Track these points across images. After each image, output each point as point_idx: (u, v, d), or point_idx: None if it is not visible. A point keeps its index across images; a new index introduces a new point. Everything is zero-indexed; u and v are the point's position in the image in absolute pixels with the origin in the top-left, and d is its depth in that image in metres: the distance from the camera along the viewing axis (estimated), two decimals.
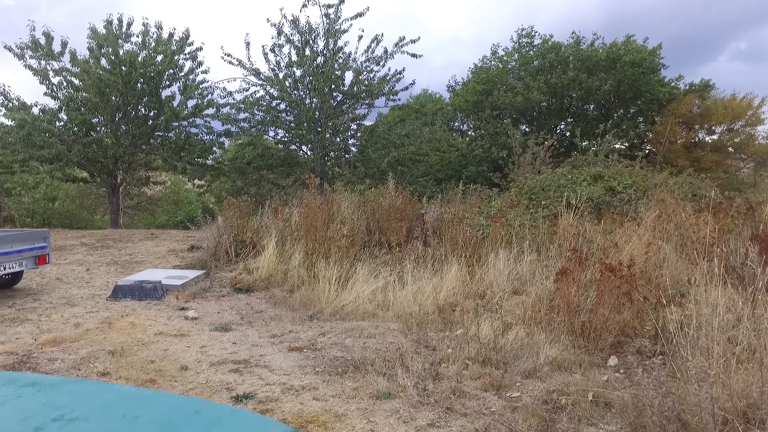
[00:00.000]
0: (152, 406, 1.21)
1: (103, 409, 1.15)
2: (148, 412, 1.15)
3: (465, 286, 6.47)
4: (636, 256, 5.41)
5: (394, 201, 9.10)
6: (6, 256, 7.25)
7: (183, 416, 1.16)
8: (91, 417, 1.11)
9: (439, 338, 5.11)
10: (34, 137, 15.64)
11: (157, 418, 1.13)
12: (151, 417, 1.14)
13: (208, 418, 1.15)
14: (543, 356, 4.42)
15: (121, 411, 1.15)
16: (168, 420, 1.13)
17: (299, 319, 6.19)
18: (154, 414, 1.15)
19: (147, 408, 1.18)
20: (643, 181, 10.30)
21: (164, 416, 1.15)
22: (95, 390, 1.31)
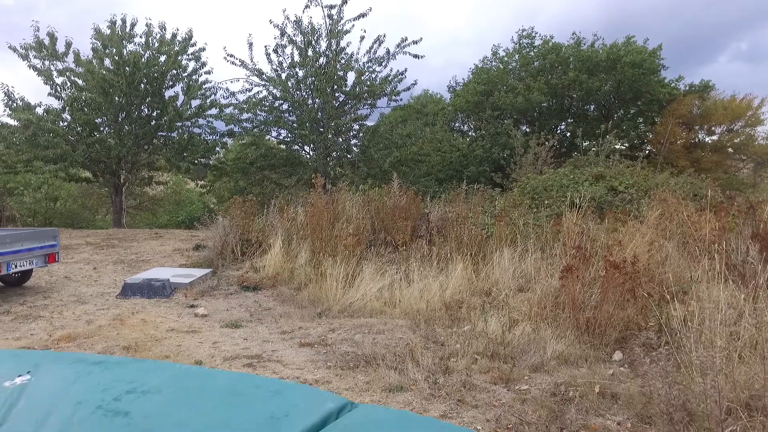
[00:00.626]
0: (214, 380, 1.31)
1: (168, 383, 1.25)
2: (212, 386, 1.25)
3: (471, 284, 6.58)
4: (639, 254, 5.52)
5: (398, 200, 9.20)
6: (17, 254, 7.35)
7: (245, 388, 1.26)
8: (162, 389, 1.21)
9: (447, 334, 5.22)
10: (38, 137, 15.74)
11: (222, 390, 1.23)
12: (216, 389, 1.24)
13: (269, 390, 1.25)
14: (550, 351, 4.53)
15: (186, 385, 1.26)
16: (233, 391, 1.23)
17: (308, 316, 6.30)
18: (218, 387, 1.25)
19: (209, 382, 1.28)
20: (644, 181, 10.42)
21: (227, 389, 1.25)
22: (156, 367, 1.41)
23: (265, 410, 1.11)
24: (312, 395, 1.32)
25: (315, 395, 1.31)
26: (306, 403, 1.18)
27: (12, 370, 1.33)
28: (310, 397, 1.27)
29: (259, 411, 1.11)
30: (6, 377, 1.28)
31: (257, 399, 1.18)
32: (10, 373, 1.30)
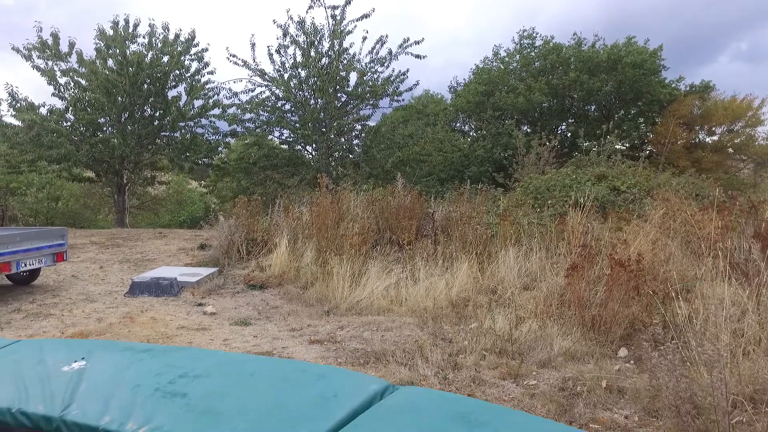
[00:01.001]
0: (259, 366, 1.38)
1: (216, 368, 1.33)
2: (258, 370, 1.33)
3: (476, 282, 6.66)
4: (643, 252, 5.60)
5: (402, 200, 9.28)
6: (26, 253, 7.42)
7: (291, 372, 1.33)
8: (211, 374, 1.28)
9: (455, 331, 5.30)
10: (42, 137, 15.81)
11: (269, 375, 1.31)
12: (263, 374, 1.31)
13: (314, 374, 1.32)
14: (557, 347, 4.61)
15: (233, 370, 1.33)
16: (281, 375, 1.30)
17: (316, 314, 6.38)
18: (264, 372, 1.33)
19: (255, 367, 1.35)
20: (646, 181, 10.50)
21: (274, 373, 1.32)
22: (201, 355, 1.48)
23: (314, 391, 1.19)
24: (355, 378, 1.40)
25: (358, 378, 1.39)
26: (351, 385, 1.25)
27: (67, 357, 1.40)
28: (354, 380, 1.34)
29: (308, 392, 1.19)
30: (63, 363, 1.36)
31: (304, 382, 1.25)
32: (66, 359, 1.38)
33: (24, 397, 1.19)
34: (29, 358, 1.42)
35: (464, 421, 1.05)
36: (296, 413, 1.09)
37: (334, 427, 1.02)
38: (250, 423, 1.05)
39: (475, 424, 1.03)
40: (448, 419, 1.07)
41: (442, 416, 1.09)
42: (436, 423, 1.06)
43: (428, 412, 1.09)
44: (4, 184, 20.32)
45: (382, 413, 1.10)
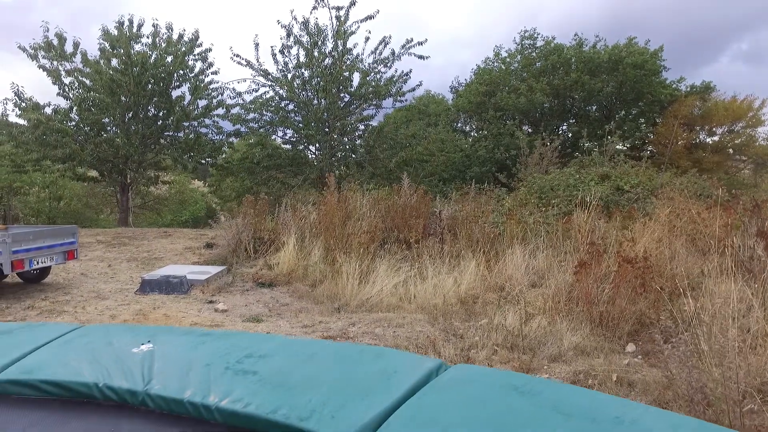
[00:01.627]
0: (318, 348, 1.47)
1: (278, 350, 1.42)
2: (319, 352, 1.42)
3: (484, 280, 6.76)
4: (650, 250, 5.71)
5: (409, 199, 9.38)
6: (39, 251, 7.52)
7: (350, 353, 1.42)
8: (275, 355, 1.38)
9: (465, 327, 5.40)
10: (48, 137, 15.90)
11: (329, 355, 1.40)
12: (323, 354, 1.40)
13: (371, 354, 1.41)
14: (566, 342, 4.71)
15: (294, 351, 1.42)
16: (341, 355, 1.39)
17: (327, 311, 6.47)
18: (324, 353, 1.42)
19: (314, 349, 1.44)
20: (649, 180, 10.60)
21: (333, 354, 1.41)
22: (260, 338, 1.57)
23: (376, 369, 1.28)
24: (411, 357, 1.49)
25: (413, 358, 1.49)
26: (408, 363, 1.34)
27: (133, 340, 1.50)
28: (410, 358, 1.44)
29: (370, 369, 1.28)
30: (131, 345, 1.46)
31: (364, 361, 1.35)
32: (133, 342, 1.47)
33: (106, 373, 1.29)
34: (99, 341, 1.52)
35: (518, 391, 1.14)
36: (362, 387, 1.18)
37: (400, 398, 1.12)
38: (322, 395, 1.14)
39: (528, 394, 1.12)
40: (503, 390, 1.16)
41: (496, 388, 1.18)
42: (492, 393, 1.16)
43: (483, 385, 1.19)
44: (7, 184, 20.40)
45: (441, 386, 1.19)
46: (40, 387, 1.28)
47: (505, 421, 1.03)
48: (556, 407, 1.07)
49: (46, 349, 1.45)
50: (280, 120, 17.47)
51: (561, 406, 1.07)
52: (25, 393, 1.28)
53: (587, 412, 1.06)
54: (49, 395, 1.27)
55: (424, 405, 1.09)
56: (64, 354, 1.42)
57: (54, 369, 1.33)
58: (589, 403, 1.11)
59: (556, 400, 1.10)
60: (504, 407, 1.08)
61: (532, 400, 1.10)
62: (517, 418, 1.04)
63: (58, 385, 1.28)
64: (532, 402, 1.09)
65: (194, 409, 1.14)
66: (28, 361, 1.38)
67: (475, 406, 1.09)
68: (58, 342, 1.50)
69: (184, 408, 1.15)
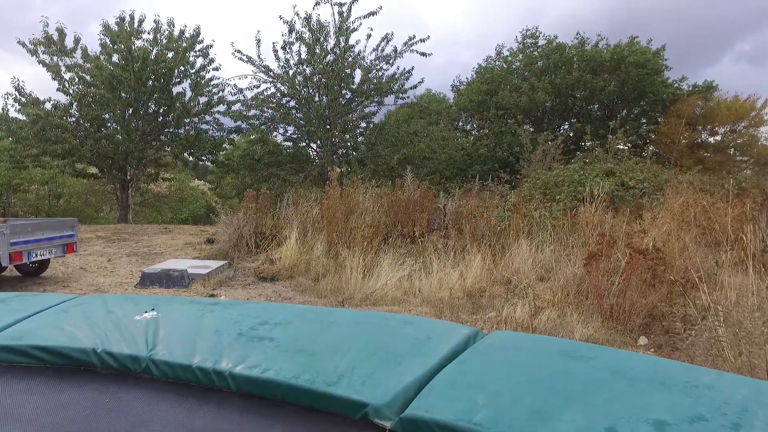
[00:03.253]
0: (342, 316, 1.34)
1: (294, 317, 1.30)
2: (342, 320, 1.30)
3: (490, 273, 6.64)
4: (662, 241, 5.59)
5: (413, 194, 9.27)
6: (37, 243, 7.39)
7: (375, 320, 1.30)
8: (292, 322, 1.25)
9: (473, 321, 5.28)
10: (47, 132, 15.77)
11: (351, 323, 1.27)
12: (345, 323, 1.27)
13: (399, 321, 1.29)
14: (578, 335, 4.59)
15: (313, 319, 1.30)
16: (362, 323, 1.27)
17: (330, 305, 6.35)
18: (345, 321, 1.29)
19: (333, 318, 1.32)
20: (654, 177, 10.50)
21: (356, 322, 1.29)
22: (272, 307, 1.45)
23: (407, 335, 1.16)
24: (443, 324, 1.37)
25: (445, 325, 1.36)
26: (441, 330, 1.23)
27: (135, 309, 1.38)
28: (442, 325, 1.32)
29: (400, 336, 1.16)
30: (133, 313, 1.33)
31: (391, 328, 1.23)
32: (136, 310, 1.35)
33: (105, 340, 1.16)
34: (98, 309, 1.40)
35: (571, 357, 1.02)
36: (394, 354, 1.06)
37: (438, 364, 1.00)
38: (349, 361, 1.02)
39: (582, 359, 1.01)
40: (552, 355, 1.05)
41: (544, 353, 1.06)
42: (542, 358, 1.04)
43: (529, 350, 1.07)
44: (6, 181, 20.27)
45: (482, 351, 1.07)
46: (32, 353, 1.16)
47: (562, 386, 0.91)
48: (617, 372, 0.95)
49: (40, 317, 1.33)
50: (282, 117, 17.35)
51: (622, 370, 0.96)
52: (15, 360, 1.15)
53: (652, 376, 0.94)
54: (41, 362, 1.15)
55: (466, 370, 0.98)
56: (60, 321, 1.30)
57: (47, 335, 1.20)
58: (652, 367, 0.99)
59: (615, 365, 0.99)
60: (558, 371, 0.96)
61: (588, 365, 0.98)
62: (574, 384, 0.92)
63: (52, 351, 1.16)
64: (588, 366, 0.98)
65: (205, 376, 1.02)
66: (19, 327, 1.25)
67: (525, 370, 0.97)
68: (53, 310, 1.38)
69: (194, 375, 1.03)
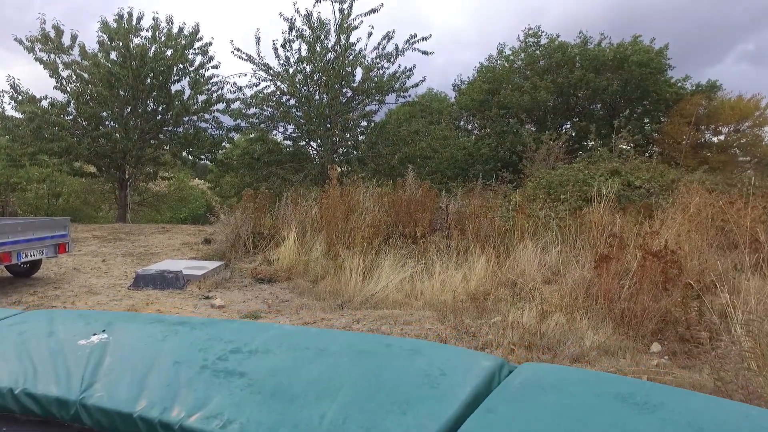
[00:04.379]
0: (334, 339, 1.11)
1: (276, 342, 1.07)
2: (334, 345, 1.06)
3: (495, 276, 6.41)
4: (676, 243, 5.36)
5: (414, 193, 9.04)
6: (28, 244, 7.17)
7: (373, 346, 1.07)
8: (272, 349, 1.03)
9: (477, 325, 5.05)
10: (44, 130, 15.56)
11: (346, 349, 1.04)
12: (337, 349, 1.03)
13: (404, 348, 1.06)
14: (588, 341, 4.36)
15: (297, 344, 1.07)
16: (362, 350, 1.04)
17: (329, 308, 6.12)
18: (342, 346, 1.05)
19: (329, 341, 1.08)
20: (660, 176, 10.26)
21: (351, 347, 1.05)
22: (254, 328, 1.22)
23: (415, 369, 0.94)
24: (459, 353, 1.14)
25: (463, 353, 1.13)
26: (458, 361, 1.00)
27: (84, 330, 1.15)
28: (458, 355, 1.09)
29: (407, 369, 0.93)
30: (79, 336, 1.11)
31: (395, 357, 1.00)
32: (83, 332, 1.13)
33: (31, 374, 0.93)
34: (37, 330, 1.17)
35: (628, 403, 0.80)
36: (401, 396, 0.83)
37: (460, 411, 0.77)
38: (341, 407, 0.79)
39: (645, 407, 0.78)
40: (606, 400, 0.82)
41: (595, 396, 0.84)
42: (595, 405, 0.81)
43: (576, 393, 0.84)
44: (4, 180, 20.05)
45: (515, 392, 0.85)
46: None
47: None
48: (693, 425, 0.73)
49: None
50: (281, 115, 17.12)
51: (699, 422, 0.73)
52: None
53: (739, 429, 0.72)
54: None
55: (496, 423, 0.75)
56: None
57: None
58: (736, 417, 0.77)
59: (689, 414, 0.76)
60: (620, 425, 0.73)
61: (655, 416, 0.76)
62: None
63: None
64: (655, 418, 0.75)
65: (148, 429, 0.79)
66: None
67: (574, 423, 0.74)
68: None
69: (134, 427, 0.80)
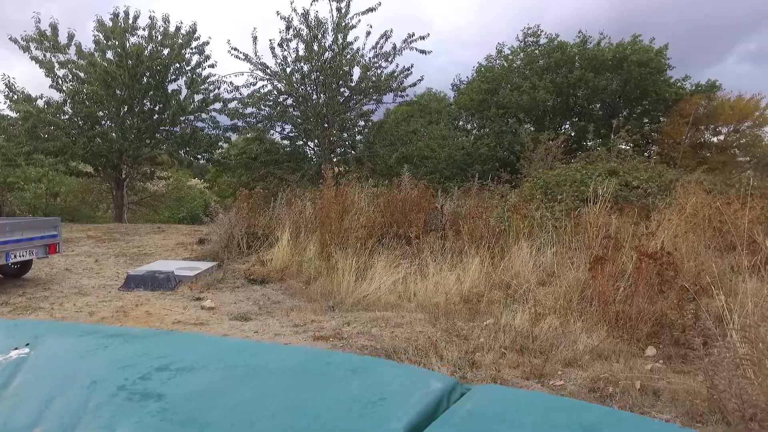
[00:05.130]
0: (274, 356, 1.02)
1: (210, 359, 0.98)
2: (272, 363, 0.97)
3: (489, 277, 6.32)
4: (672, 245, 5.26)
5: (409, 193, 8.93)
6: (17, 244, 7.08)
7: (314, 365, 0.98)
8: (203, 367, 0.94)
9: (469, 328, 4.96)
10: (39, 129, 15.47)
11: (287, 368, 0.95)
12: (278, 367, 0.95)
13: (346, 367, 0.97)
14: (581, 345, 4.27)
15: (233, 362, 0.98)
16: (301, 369, 0.95)
17: (320, 309, 6.03)
18: (280, 364, 0.97)
19: (264, 359, 0.99)
20: (659, 176, 10.16)
21: (290, 366, 0.96)
22: (192, 341, 1.14)
23: (351, 392, 0.84)
24: (406, 373, 1.04)
25: (411, 373, 1.04)
26: (402, 384, 0.91)
27: (6, 343, 1.06)
28: (406, 374, 0.99)
29: (342, 393, 0.84)
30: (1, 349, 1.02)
31: (332, 378, 0.91)
32: (5, 346, 1.04)
33: None
34: None
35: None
36: (327, 426, 0.74)
37: None
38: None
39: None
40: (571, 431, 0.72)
41: (551, 429, 0.74)
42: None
43: (537, 424, 0.74)
44: (1, 179, 19.96)
45: (460, 423, 0.75)
46: None
47: None
48: None
49: None
50: (279, 115, 17.05)
51: None
52: None
53: None
54: None
55: None
56: None
57: None
58: None
59: None
60: None
61: None
62: None
63: None
64: None
65: None
66: None
67: None
68: None
69: None
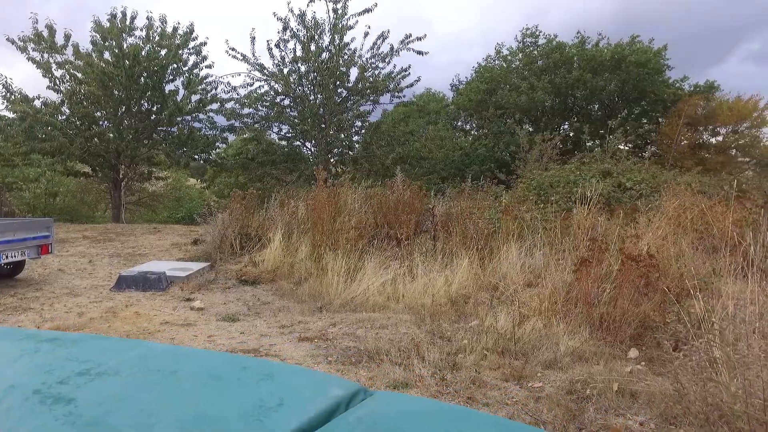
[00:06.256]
0: (191, 362, 1.05)
1: (132, 363, 1.01)
2: (187, 368, 1.00)
3: (477, 279, 6.34)
4: (655, 247, 5.28)
5: (402, 194, 8.95)
6: (8, 245, 7.11)
7: (228, 371, 1.01)
8: (122, 371, 0.97)
9: (454, 329, 4.98)
10: (35, 130, 15.51)
11: (199, 373, 0.98)
12: (191, 372, 0.99)
13: (259, 373, 1.00)
14: (563, 347, 4.29)
15: (154, 366, 1.01)
16: (212, 374, 0.98)
17: (308, 311, 6.06)
18: (194, 370, 1.00)
19: (184, 364, 1.03)
20: (652, 177, 10.17)
21: (206, 371, 1.00)
22: (123, 346, 1.17)
23: (253, 398, 0.87)
24: (314, 380, 1.07)
25: (318, 379, 1.07)
26: (306, 390, 0.93)
27: None
28: (312, 382, 1.02)
29: (244, 399, 0.87)
30: None
31: (243, 384, 0.94)
32: None
33: None
34: None
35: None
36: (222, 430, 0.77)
37: None
38: None
39: None
40: None
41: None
42: None
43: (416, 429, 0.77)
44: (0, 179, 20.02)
45: (348, 428, 0.78)
46: None
47: None
48: None
49: None
50: (276, 115, 17.08)
51: None
52: None
53: None
54: None
55: None
56: None
57: None
58: None
59: None
60: None
61: None
62: None
63: None
64: None
65: None
66: None
67: None
68: None
69: None
